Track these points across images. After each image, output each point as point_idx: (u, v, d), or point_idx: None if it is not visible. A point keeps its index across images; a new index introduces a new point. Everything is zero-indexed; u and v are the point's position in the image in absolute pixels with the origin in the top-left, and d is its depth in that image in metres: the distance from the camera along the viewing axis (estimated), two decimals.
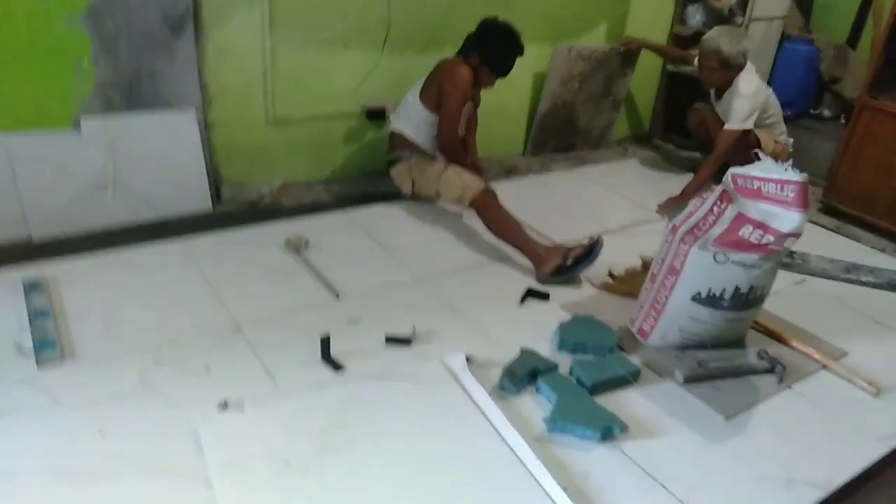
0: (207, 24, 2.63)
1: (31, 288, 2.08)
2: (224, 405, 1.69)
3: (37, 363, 1.78)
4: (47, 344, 1.84)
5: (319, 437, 1.62)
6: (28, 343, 1.85)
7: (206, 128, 2.76)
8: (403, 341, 1.98)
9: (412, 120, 2.82)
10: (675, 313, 1.98)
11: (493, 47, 2.72)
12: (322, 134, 3.12)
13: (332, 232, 2.67)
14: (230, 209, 2.86)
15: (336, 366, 1.86)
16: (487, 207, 2.58)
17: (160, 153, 2.65)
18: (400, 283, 2.35)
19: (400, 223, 2.80)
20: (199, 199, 2.78)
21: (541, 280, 2.40)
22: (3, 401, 1.65)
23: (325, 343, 1.88)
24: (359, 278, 2.34)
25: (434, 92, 2.73)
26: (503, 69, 2.79)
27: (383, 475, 1.53)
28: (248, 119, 2.89)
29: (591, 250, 2.38)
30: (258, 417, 1.66)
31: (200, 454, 1.54)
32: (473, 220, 2.77)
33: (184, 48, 2.59)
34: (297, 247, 2.47)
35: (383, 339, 1.99)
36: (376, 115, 3.19)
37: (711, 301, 1.92)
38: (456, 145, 2.81)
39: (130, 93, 2.56)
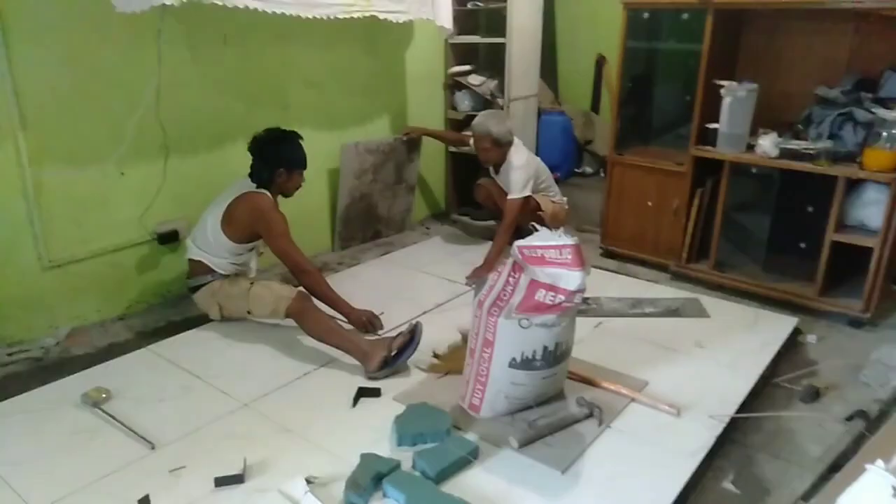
0: None
1: None
2: None
3: None
4: None
5: None
6: None
7: None
8: (235, 479, 1.85)
9: (213, 248, 2.71)
10: (498, 382, 2.10)
11: (287, 151, 2.73)
12: (111, 268, 2.90)
13: (136, 374, 2.45)
14: (8, 372, 2.51)
15: None
16: (304, 313, 2.55)
17: None
18: (223, 414, 2.21)
19: (212, 347, 2.66)
20: None
21: (370, 376, 2.40)
22: None
23: None
24: (175, 419, 2.16)
25: (242, 227, 2.67)
26: (304, 161, 2.80)
27: None
28: (18, 269, 2.60)
29: (412, 337, 2.44)
30: None
31: None
32: (288, 327, 2.73)
33: None
34: (96, 400, 2.22)
35: (213, 483, 1.84)
36: (169, 239, 3.04)
37: (526, 364, 2.07)
38: (303, 264, 2.69)
39: None
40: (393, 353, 2.41)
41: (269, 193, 2.71)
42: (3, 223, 2.53)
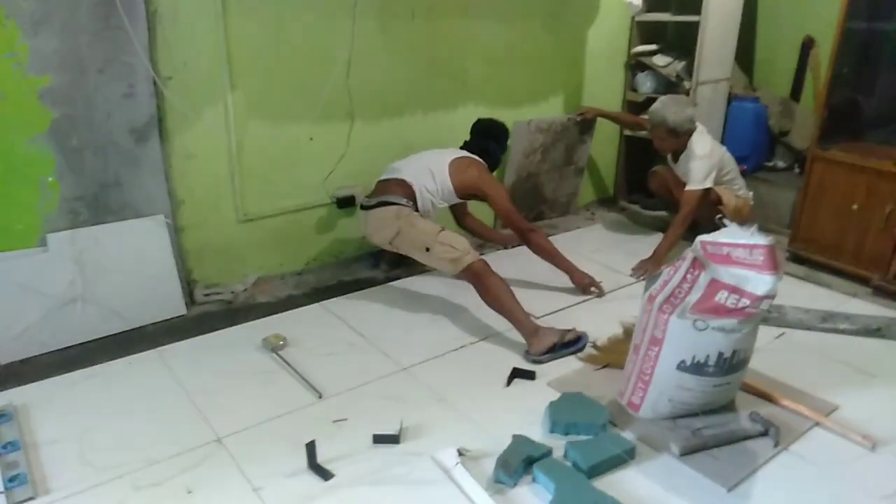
0: (172, 131, 2.65)
1: None
2: None
3: (8, 502, 1.69)
4: (18, 479, 1.75)
5: None
6: None
7: (176, 232, 2.74)
8: (391, 439, 1.92)
9: (430, 183, 2.83)
10: (663, 383, 1.97)
11: (502, 141, 3.17)
12: (294, 226, 3.12)
13: (309, 326, 2.63)
14: (204, 311, 2.80)
15: (324, 474, 1.79)
16: (484, 275, 2.50)
17: (130, 262, 2.61)
18: (383, 375, 2.30)
19: (377, 310, 2.78)
20: (172, 305, 2.72)
21: (533, 359, 2.37)
22: None
23: (311, 450, 1.82)
24: (341, 374, 2.29)
25: (468, 183, 2.89)
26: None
27: None
28: (218, 219, 2.88)
29: (579, 339, 2.44)
30: None
31: None
32: (450, 300, 2.78)
33: (149, 156, 2.60)
34: (274, 346, 2.42)
35: (371, 439, 1.93)
36: (347, 203, 3.21)
37: (697, 368, 1.92)
38: (528, 223, 3.02)
39: (97, 205, 2.54)
40: (564, 342, 2.38)
41: None
42: (211, 176, 2.81)
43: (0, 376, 2.28)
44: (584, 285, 2.92)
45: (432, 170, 2.86)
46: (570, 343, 2.39)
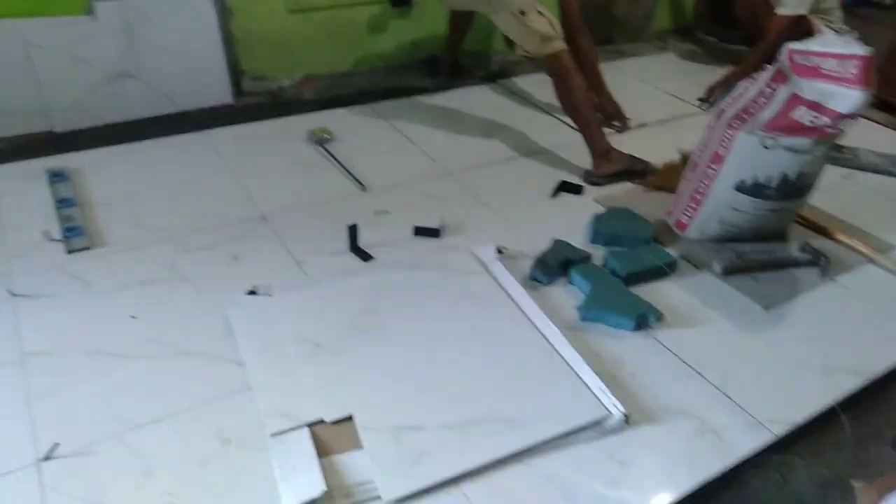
0: None
1: (55, 178, 2.06)
2: (253, 291, 1.68)
3: (66, 249, 1.78)
4: (75, 231, 1.84)
5: (349, 320, 1.60)
6: (56, 231, 1.85)
7: (224, 14, 2.63)
8: (432, 232, 1.93)
9: None
10: (717, 203, 1.89)
11: None
12: (345, 23, 2.95)
13: (356, 125, 2.58)
14: (251, 102, 2.76)
15: (364, 255, 1.83)
16: (571, 70, 2.22)
17: (178, 42, 2.53)
18: (428, 176, 2.28)
19: (426, 116, 2.69)
20: (219, 92, 2.68)
21: (593, 179, 2.28)
22: (36, 284, 1.66)
23: (353, 232, 1.84)
24: (385, 171, 2.27)
25: None
26: None
27: (414, 357, 1.51)
28: (267, 7, 2.73)
29: (644, 171, 2.32)
30: (287, 303, 1.65)
31: (231, 337, 1.54)
32: (502, 113, 2.68)
33: None
34: (320, 139, 2.39)
35: (411, 231, 1.94)
36: (402, 2, 3.00)
37: (756, 190, 1.82)
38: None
39: None
40: (631, 171, 2.29)
41: None
42: None
43: (54, 143, 2.33)
44: (608, 112, 2.64)
45: None
46: (634, 173, 2.29)
